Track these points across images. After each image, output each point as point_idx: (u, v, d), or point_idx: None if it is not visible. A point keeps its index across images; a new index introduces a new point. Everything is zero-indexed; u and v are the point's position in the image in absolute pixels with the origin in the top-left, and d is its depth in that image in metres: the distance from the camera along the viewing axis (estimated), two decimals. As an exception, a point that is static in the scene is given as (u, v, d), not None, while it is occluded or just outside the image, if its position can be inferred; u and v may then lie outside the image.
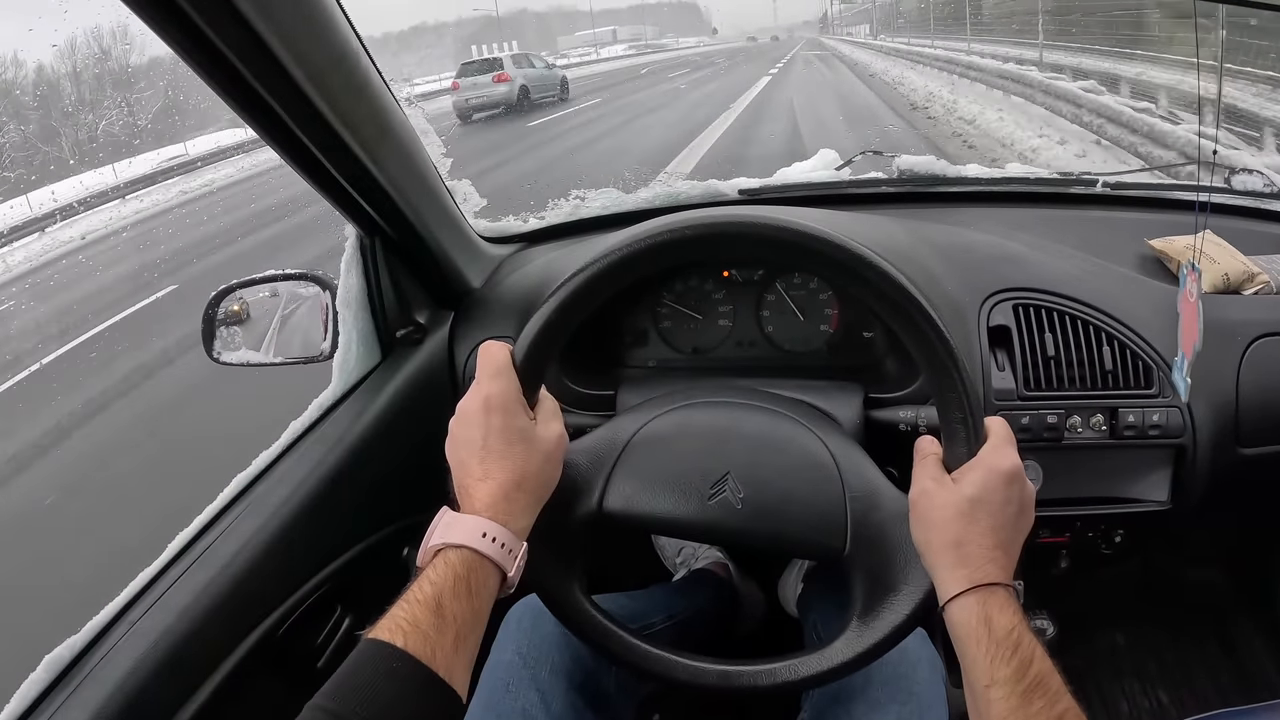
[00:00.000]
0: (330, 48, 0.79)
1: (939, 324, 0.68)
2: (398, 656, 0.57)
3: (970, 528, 0.65)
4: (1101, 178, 1.28)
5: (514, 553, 0.65)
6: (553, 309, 0.71)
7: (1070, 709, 0.57)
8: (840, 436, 0.82)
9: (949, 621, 0.64)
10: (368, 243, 1.05)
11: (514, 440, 0.68)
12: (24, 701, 0.73)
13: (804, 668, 0.73)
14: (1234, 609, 1.44)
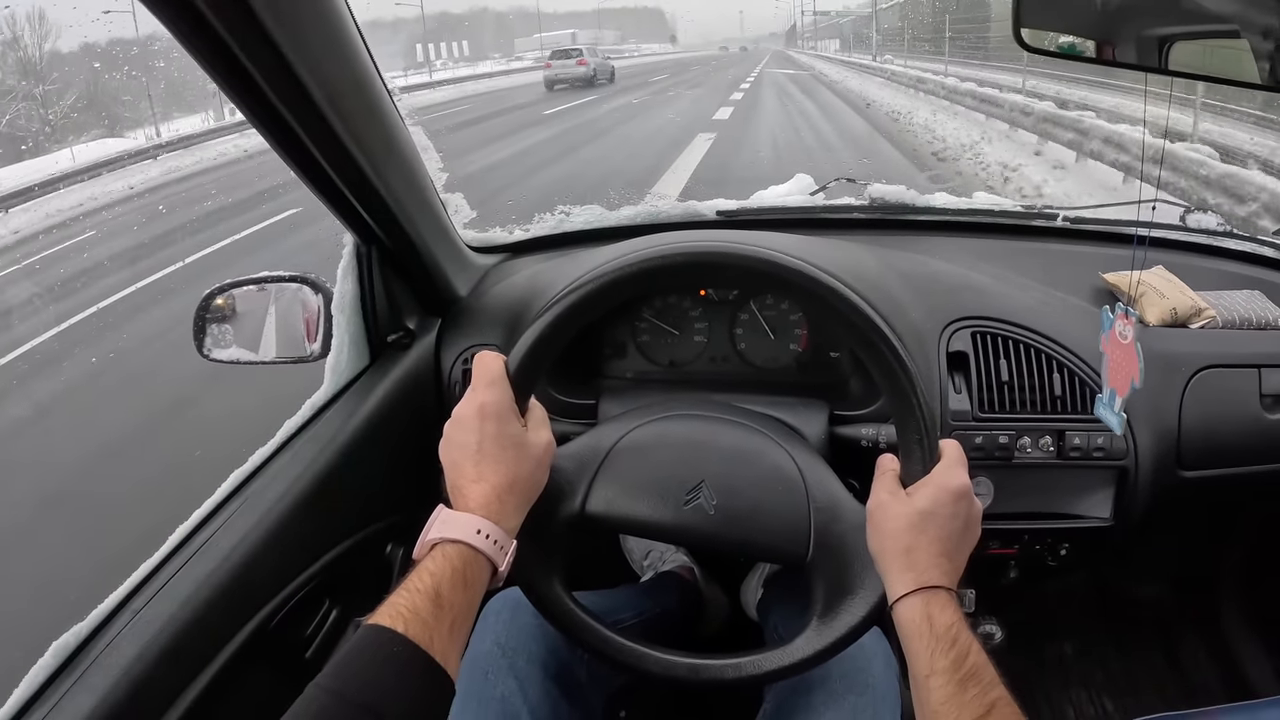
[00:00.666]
0: (350, 71, 0.85)
1: (901, 353, 0.75)
2: (398, 641, 0.60)
3: (919, 537, 0.72)
4: (1062, 212, 1.35)
5: (505, 549, 0.70)
6: (546, 324, 0.77)
7: (1002, 697, 0.63)
8: (807, 452, 0.88)
9: (896, 619, 0.71)
10: (364, 251, 1.10)
11: (506, 446, 0.73)
12: (31, 686, 0.75)
13: (767, 663, 0.79)
14: (1179, 623, 1.50)
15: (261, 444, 1.04)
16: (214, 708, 0.82)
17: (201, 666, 0.83)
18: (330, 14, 0.80)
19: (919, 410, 0.75)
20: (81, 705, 0.72)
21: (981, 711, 0.62)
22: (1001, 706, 0.62)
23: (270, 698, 0.95)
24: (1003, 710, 0.62)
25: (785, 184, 1.44)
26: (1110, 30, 0.91)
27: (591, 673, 0.99)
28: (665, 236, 1.18)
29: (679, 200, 1.38)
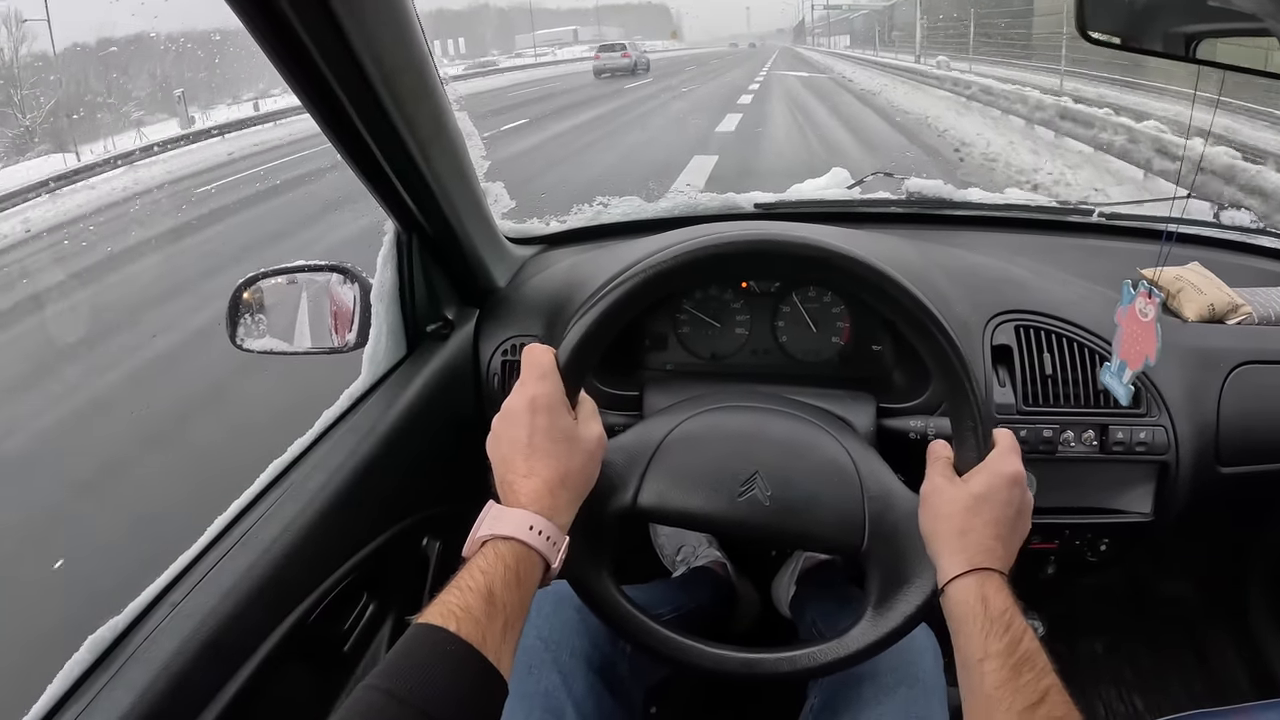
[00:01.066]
0: (406, 51, 0.84)
1: (955, 340, 0.75)
2: (451, 640, 0.59)
3: (974, 519, 0.72)
4: (1097, 208, 1.35)
5: (558, 546, 0.69)
6: (598, 315, 0.76)
7: (1055, 685, 0.62)
8: (858, 442, 0.87)
9: (948, 601, 0.70)
10: (405, 238, 1.09)
11: (558, 439, 0.72)
12: (66, 681, 0.73)
13: (823, 655, 0.78)
14: (1208, 620, 1.50)
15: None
16: (253, 703, 0.81)
17: (242, 661, 0.81)
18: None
19: (973, 398, 0.75)
20: (119, 702, 0.70)
21: (1035, 699, 0.61)
22: (1054, 694, 0.62)
23: (308, 692, 0.95)
24: (1055, 699, 0.61)
25: (822, 177, 1.44)
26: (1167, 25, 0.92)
27: (633, 666, 0.98)
28: (707, 228, 1.18)
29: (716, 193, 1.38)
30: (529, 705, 0.87)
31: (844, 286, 0.79)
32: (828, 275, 0.77)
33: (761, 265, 0.84)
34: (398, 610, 1.09)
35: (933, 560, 0.74)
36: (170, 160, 13.85)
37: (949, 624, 0.70)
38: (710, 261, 0.77)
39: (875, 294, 0.76)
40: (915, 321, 0.75)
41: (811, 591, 1.26)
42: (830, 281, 0.85)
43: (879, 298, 0.76)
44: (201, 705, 0.76)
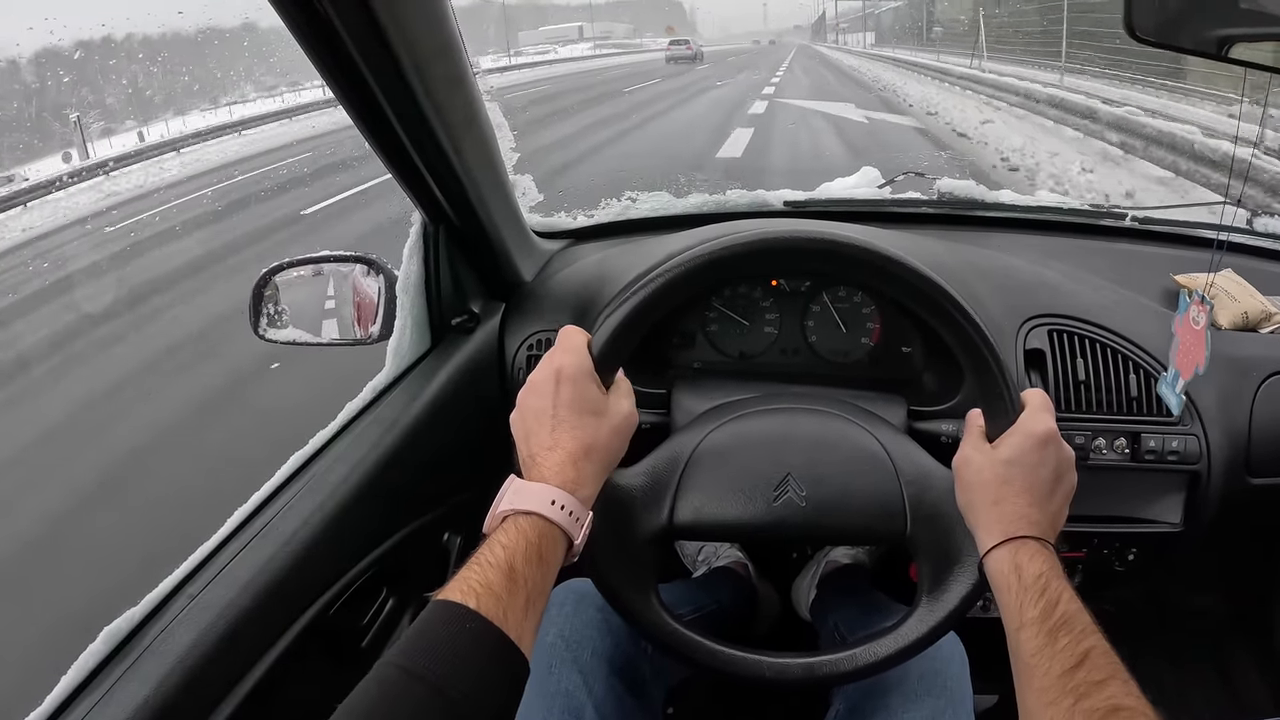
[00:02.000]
0: (438, 38, 0.83)
1: (967, 308, 0.75)
2: (471, 617, 0.58)
3: (1005, 488, 0.71)
4: (1130, 212, 1.33)
5: (580, 521, 0.67)
6: (637, 303, 0.76)
7: (1096, 646, 0.60)
8: (887, 428, 0.87)
9: (987, 573, 0.70)
10: (432, 230, 1.08)
11: (584, 411, 0.71)
12: (81, 673, 0.72)
13: (882, 649, 0.77)
14: (1232, 636, 1.48)
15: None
16: (270, 697, 0.80)
17: (259, 655, 0.80)
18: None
19: (994, 362, 0.75)
20: (135, 694, 0.69)
21: (1074, 662, 0.60)
22: (1096, 656, 0.60)
23: (327, 686, 0.93)
24: (1097, 660, 0.59)
25: (852, 176, 1.43)
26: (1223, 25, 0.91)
27: (655, 668, 0.98)
28: (737, 224, 1.17)
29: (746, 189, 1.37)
30: (549, 704, 0.86)
31: (875, 282, 0.78)
32: (855, 271, 0.77)
33: (803, 261, 0.84)
34: (417, 605, 1.08)
35: (971, 533, 0.73)
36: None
37: (993, 594, 0.69)
38: (757, 256, 0.76)
39: (883, 278, 0.76)
40: (923, 297, 0.75)
41: (833, 596, 1.25)
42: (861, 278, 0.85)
43: (890, 281, 0.76)
44: (218, 699, 0.75)
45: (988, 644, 0.98)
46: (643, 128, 12.75)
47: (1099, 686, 0.58)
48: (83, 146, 14.18)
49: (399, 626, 1.05)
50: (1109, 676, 0.58)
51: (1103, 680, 0.58)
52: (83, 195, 11.99)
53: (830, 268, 0.80)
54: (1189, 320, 0.91)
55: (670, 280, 0.76)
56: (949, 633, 0.79)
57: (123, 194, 12.05)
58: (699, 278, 0.76)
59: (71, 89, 16.73)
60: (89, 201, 11.64)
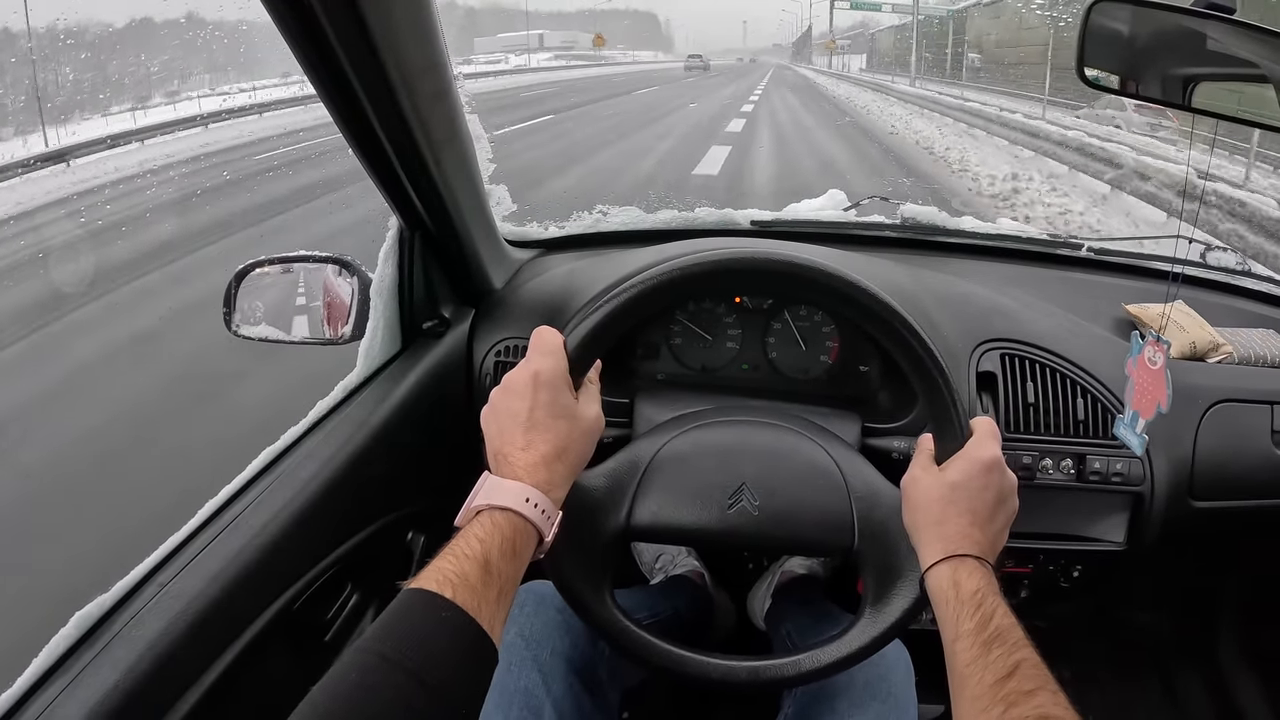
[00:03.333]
0: (427, 53, 0.86)
1: (922, 334, 0.79)
2: (447, 607, 0.59)
3: (949, 508, 0.74)
4: (1087, 242, 1.38)
5: (552, 519, 0.70)
6: (612, 309, 0.79)
7: (1027, 659, 0.64)
8: (840, 445, 0.90)
9: (928, 587, 0.73)
10: (408, 236, 1.10)
11: (558, 415, 0.73)
12: (52, 656, 0.73)
13: (825, 656, 0.80)
14: (1177, 652, 1.52)
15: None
16: (235, 686, 0.81)
17: (226, 644, 0.81)
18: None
19: (946, 389, 0.79)
20: (104, 679, 0.71)
21: (1005, 672, 0.63)
22: (1026, 668, 0.63)
23: (289, 679, 0.94)
24: (1028, 671, 0.63)
25: (818, 198, 1.47)
26: (1156, 71, 0.95)
27: (611, 669, 1.00)
28: (704, 242, 1.20)
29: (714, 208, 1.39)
30: (508, 702, 0.88)
31: (823, 302, 0.83)
32: (819, 296, 0.82)
33: (767, 282, 0.87)
34: (379, 602, 1.09)
35: (915, 550, 0.77)
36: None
37: (933, 609, 0.72)
38: (724, 274, 0.81)
39: (851, 306, 0.80)
40: (878, 321, 0.80)
41: (787, 606, 1.28)
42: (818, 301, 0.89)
43: (848, 306, 0.80)
44: (185, 686, 0.76)
45: (933, 656, 1.01)
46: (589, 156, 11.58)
47: (1028, 696, 0.61)
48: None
49: (361, 622, 1.07)
50: (1038, 687, 0.62)
51: (1032, 690, 0.61)
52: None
53: (793, 289, 0.84)
54: (1144, 361, 0.93)
55: (641, 292, 0.79)
56: (893, 642, 0.82)
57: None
58: (668, 291, 0.80)
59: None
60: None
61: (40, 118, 13.33)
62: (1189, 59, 0.93)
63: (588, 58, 62.17)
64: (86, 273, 6.21)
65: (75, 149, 12.35)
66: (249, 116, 16.44)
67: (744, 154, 11.24)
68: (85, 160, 12.29)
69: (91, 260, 6.56)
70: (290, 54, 0.79)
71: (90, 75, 17.99)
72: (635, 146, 12.49)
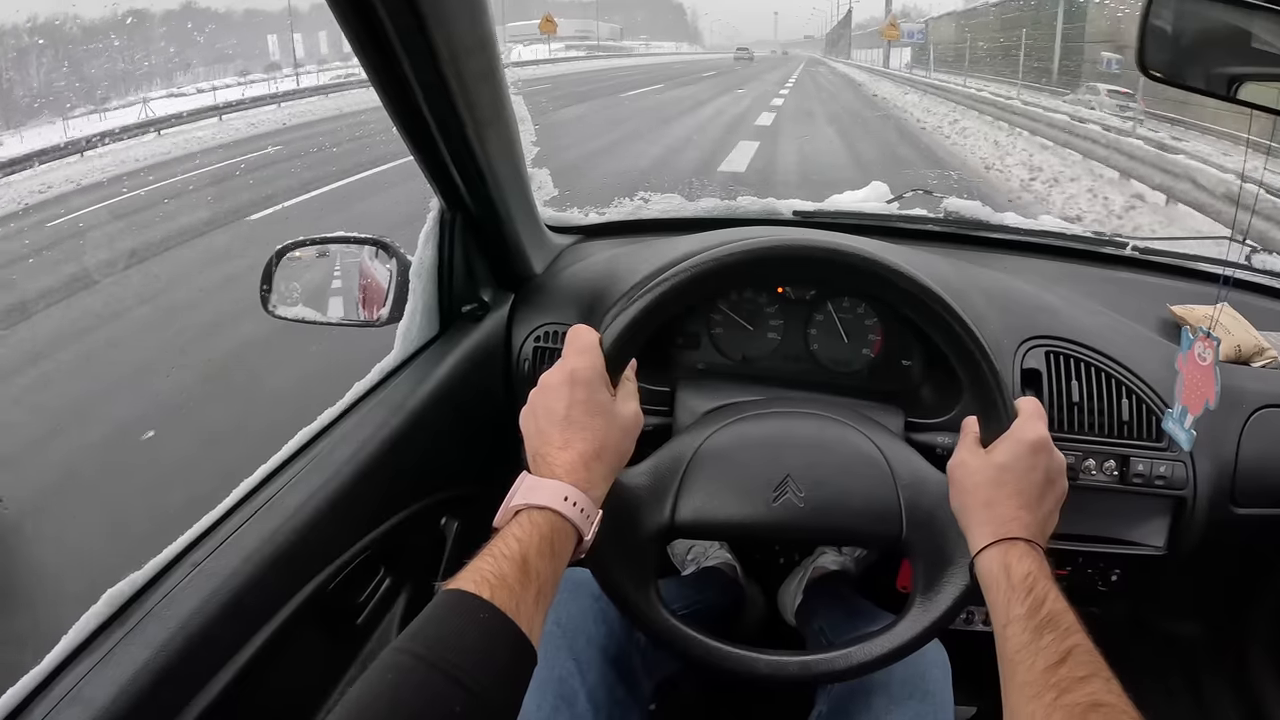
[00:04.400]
0: (476, 31, 0.85)
1: (964, 318, 0.77)
2: (486, 608, 0.58)
3: (997, 491, 0.73)
4: (1131, 241, 1.36)
5: (591, 519, 0.69)
6: (649, 302, 0.78)
7: (1079, 644, 0.62)
8: (885, 433, 0.89)
9: (978, 572, 0.72)
10: (449, 217, 1.10)
11: (595, 413, 0.72)
12: (82, 633, 0.73)
13: (876, 648, 0.79)
14: (1207, 661, 1.50)
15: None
16: (268, 667, 0.81)
17: (259, 625, 0.81)
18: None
19: (990, 370, 0.77)
20: (135, 657, 0.70)
21: (1058, 658, 0.62)
22: (1079, 654, 0.62)
23: (320, 661, 0.95)
24: (1080, 657, 0.61)
25: (861, 190, 1.45)
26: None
27: (645, 659, 0.99)
28: (747, 230, 1.19)
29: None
30: (542, 690, 0.87)
31: (877, 292, 0.81)
32: (865, 284, 0.80)
33: (811, 270, 0.86)
34: (412, 586, 1.09)
35: (964, 535, 0.76)
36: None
37: (983, 594, 0.71)
38: (767, 262, 0.79)
39: (893, 291, 0.79)
40: (922, 307, 0.78)
41: (819, 601, 1.27)
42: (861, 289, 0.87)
43: (897, 295, 0.79)
44: (217, 666, 0.76)
45: (969, 656, 1.00)
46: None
47: (1081, 683, 0.60)
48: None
49: (393, 607, 1.07)
50: (1091, 673, 0.60)
51: (1085, 676, 0.60)
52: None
53: (837, 276, 0.82)
54: (1194, 356, 0.92)
55: (680, 282, 0.78)
56: (932, 640, 0.81)
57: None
58: (709, 281, 0.79)
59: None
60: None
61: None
62: (1234, 56, 0.91)
63: (606, 49, 60.64)
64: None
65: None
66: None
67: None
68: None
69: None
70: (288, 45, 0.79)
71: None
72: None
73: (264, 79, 13.44)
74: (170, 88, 12.05)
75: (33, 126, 13.95)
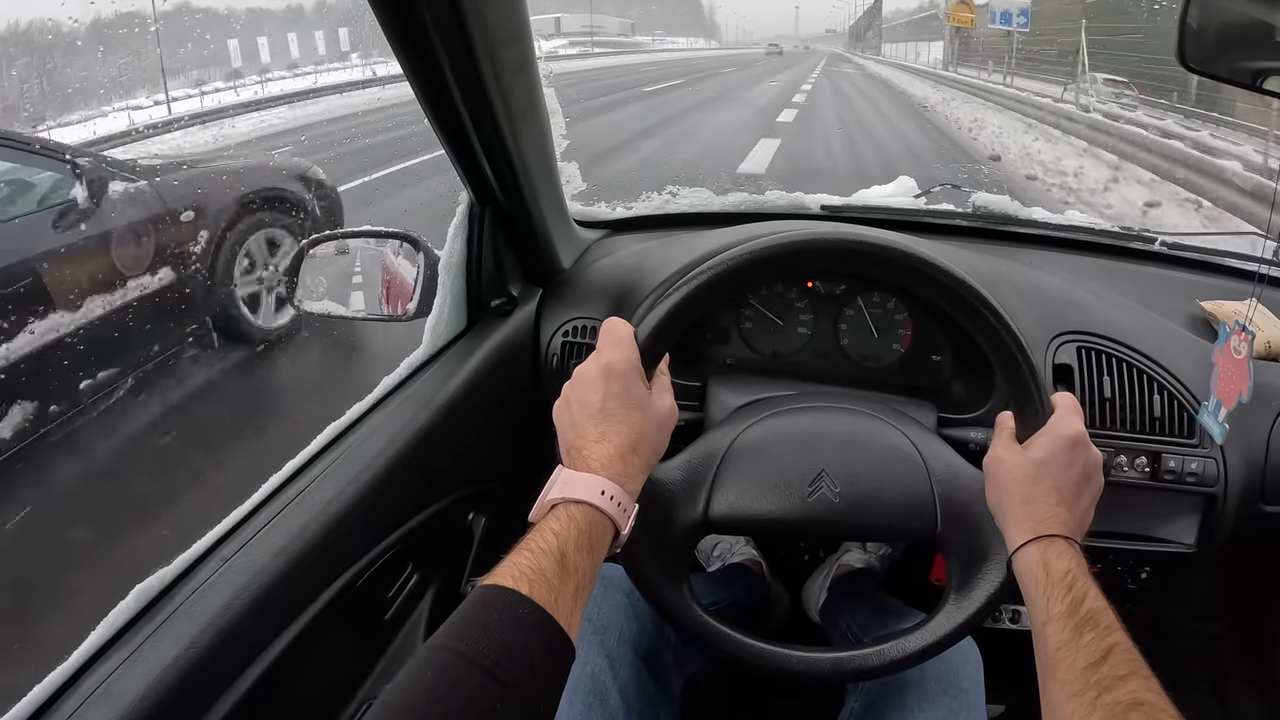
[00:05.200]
0: (512, 24, 0.85)
1: (1002, 313, 0.77)
2: (524, 603, 0.57)
3: (1035, 487, 0.72)
4: (1160, 236, 1.35)
5: (628, 512, 0.68)
6: (685, 295, 0.77)
7: (1120, 642, 0.62)
8: (919, 428, 0.89)
9: (1016, 571, 0.72)
10: (478, 211, 1.09)
11: (631, 406, 0.71)
12: (110, 629, 0.72)
13: (910, 645, 0.79)
14: (1233, 660, 1.50)
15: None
16: (296, 664, 0.81)
17: (289, 620, 0.81)
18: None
19: (1027, 365, 0.77)
20: (164, 653, 0.70)
21: (1098, 656, 0.61)
22: (1119, 652, 0.61)
23: (348, 657, 0.95)
24: (1120, 656, 0.61)
25: (888, 185, 1.45)
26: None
27: (676, 656, 0.99)
28: (776, 224, 1.19)
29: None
30: (574, 687, 0.87)
31: (913, 285, 0.80)
32: (901, 275, 0.79)
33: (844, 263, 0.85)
34: (439, 583, 1.09)
35: (1001, 531, 0.75)
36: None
37: (1021, 591, 0.71)
38: (802, 256, 0.79)
39: (928, 284, 0.78)
40: (959, 300, 0.78)
41: (845, 599, 1.27)
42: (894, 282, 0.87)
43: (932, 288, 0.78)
44: (247, 662, 0.76)
45: (998, 654, 0.99)
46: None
47: (1122, 681, 0.59)
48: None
49: (421, 602, 1.07)
50: (1131, 672, 0.60)
51: (1125, 675, 0.60)
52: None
53: (870, 270, 0.82)
54: (1230, 349, 0.92)
55: (717, 275, 0.77)
56: (965, 638, 0.81)
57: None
58: (744, 275, 0.78)
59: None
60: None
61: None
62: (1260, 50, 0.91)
63: (616, 45, 59.60)
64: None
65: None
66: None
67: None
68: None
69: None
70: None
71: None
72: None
73: (226, 88, 12.81)
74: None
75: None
